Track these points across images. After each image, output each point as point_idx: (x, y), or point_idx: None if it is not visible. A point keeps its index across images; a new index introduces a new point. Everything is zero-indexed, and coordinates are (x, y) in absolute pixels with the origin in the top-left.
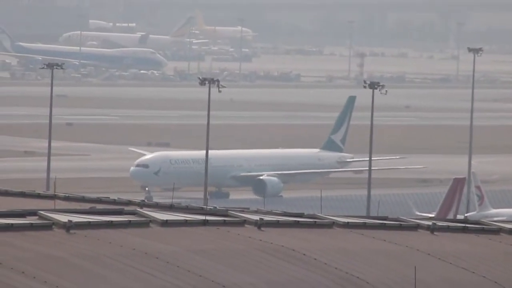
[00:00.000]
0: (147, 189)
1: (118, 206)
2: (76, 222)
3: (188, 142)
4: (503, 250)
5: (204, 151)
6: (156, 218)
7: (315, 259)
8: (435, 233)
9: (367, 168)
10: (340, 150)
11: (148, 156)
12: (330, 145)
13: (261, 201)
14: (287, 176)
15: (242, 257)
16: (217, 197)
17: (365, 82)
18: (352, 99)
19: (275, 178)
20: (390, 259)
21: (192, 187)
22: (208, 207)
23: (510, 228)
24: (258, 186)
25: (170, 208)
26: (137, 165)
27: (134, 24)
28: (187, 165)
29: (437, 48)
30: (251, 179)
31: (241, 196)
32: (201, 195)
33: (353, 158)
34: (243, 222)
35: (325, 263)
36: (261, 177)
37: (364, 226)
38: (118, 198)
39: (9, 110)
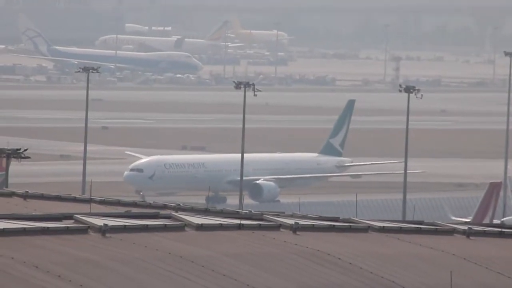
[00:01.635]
0: (141, 193)
1: (154, 210)
2: (111, 225)
3: (223, 146)
4: None
5: (200, 155)
6: (191, 222)
7: (350, 263)
8: (471, 237)
9: (365, 173)
10: (339, 154)
11: (143, 160)
12: (329, 149)
13: (257, 205)
14: (284, 181)
15: (277, 261)
16: (214, 201)
17: (400, 86)
18: (351, 103)
19: (271, 183)
20: (425, 263)
21: (188, 192)
22: (243, 211)
23: None
24: (254, 190)
25: (205, 212)
26: (131, 169)
27: (170, 28)
28: (182, 169)
29: (473, 52)
30: (248, 184)
31: (237, 201)
32: (197, 199)
33: (352, 162)
34: (278, 226)
35: (361, 268)
36: (257, 182)
37: (399, 230)
38: (153, 201)
39: (45, 113)
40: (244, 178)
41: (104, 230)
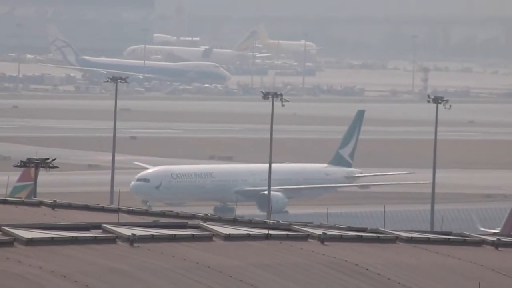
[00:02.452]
0: (148, 204)
1: (182, 220)
2: (139, 235)
3: (251, 156)
4: None
5: (208, 165)
6: (219, 232)
7: (378, 274)
8: (499, 249)
9: (374, 183)
10: (349, 165)
11: (150, 170)
12: (338, 160)
13: (265, 216)
14: (292, 191)
15: (305, 272)
16: (222, 212)
17: (429, 96)
18: (361, 113)
19: (279, 193)
20: (454, 274)
21: (195, 202)
22: (271, 221)
23: None
24: (262, 201)
25: (233, 222)
26: (138, 179)
27: (198, 38)
28: (189, 179)
29: (501, 63)
30: (256, 194)
31: (245, 211)
32: (204, 210)
33: (361, 173)
34: (306, 237)
35: (389, 278)
36: (265, 192)
37: (427, 241)
38: (181, 211)
39: (74, 123)
40: (251, 188)
41: (132, 240)
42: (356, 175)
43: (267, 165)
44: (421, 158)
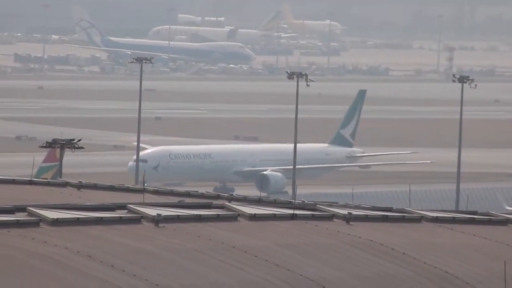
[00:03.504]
0: (145, 184)
1: (207, 200)
2: (165, 215)
3: (276, 136)
4: None
5: (206, 146)
6: (245, 212)
7: (403, 253)
8: None
9: (375, 163)
10: (350, 145)
11: (147, 150)
12: (339, 140)
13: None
14: (292, 171)
15: (330, 251)
16: (222, 192)
17: (454, 76)
18: (362, 93)
19: (279, 174)
20: (479, 253)
21: (194, 182)
22: (296, 201)
23: None
24: (261, 181)
25: (259, 202)
26: (135, 160)
27: (222, 18)
28: (188, 160)
29: None
30: (254, 174)
31: (244, 191)
32: (203, 190)
33: (363, 153)
34: (331, 217)
35: (414, 258)
36: (264, 172)
37: (453, 220)
38: (206, 191)
39: (99, 104)
40: (250, 168)
41: (157, 220)
42: (357, 155)
43: (266, 145)
44: (446, 137)
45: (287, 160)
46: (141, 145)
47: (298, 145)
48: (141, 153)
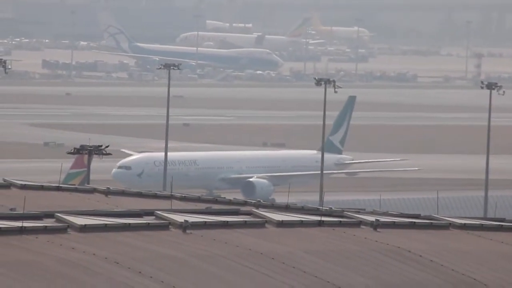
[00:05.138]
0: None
1: (234, 206)
2: (192, 222)
3: (303, 142)
4: None
5: (192, 152)
6: (272, 218)
7: (431, 260)
8: None
9: (361, 170)
10: (339, 152)
11: (132, 157)
12: (328, 147)
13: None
14: (279, 178)
15: (357, 258)
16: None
17: (482, 82)
18: (352, 99)
19: (265, 181)
20: (507, 261)
21: (179, 190)
22: (324, 207)
23: None
24: (247, 188)
25: (286, 208)
26: (119, 167)
27: (250, 25)
28: (173, 166)
29: None
30: (241, 181)
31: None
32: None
33: (352, 160)
34: (359, 223)
35: (442, 265)
36: (250, 179)
37: (481, 227)
38: (234, 198)
39: (126, 110)
40: (237, 175)
41: (184, 227)
42: (347, 162)
43: (253, 152)
44: (474, 144)
45: (274, 167)
46: (130, 152)
47: (287, 152)
48: (125, 160)
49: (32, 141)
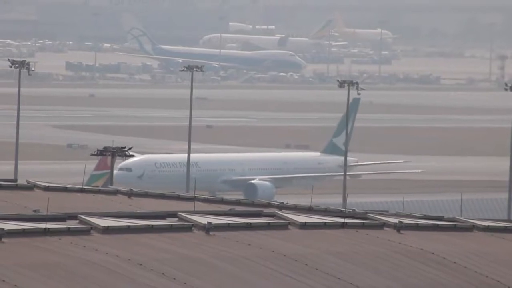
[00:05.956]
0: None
1: (257, 208)
2: (215, 223)
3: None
4: None
5: (194, 154)
6: (295, 220)
7: (454, 262)
8: None
9: (365, 172)
10: (343, 154)
11: (133, 159)
12: (331, 149)
13: None
14: (281, 180)
15: (380, 260)
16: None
17: (506, 84)
18: (356, 101)
19: (267, 182)
20: None
21: (181, 192)
22: (347, 209)
23: None
24: (249, 190)
25: (309, 210)
26: (120, 169)
27: (273, 27)
28: (173, 168)
29: None
30: (243, 183)
31: None
32: None
33: (357, 162)
34: (382, 225)
35: (465, 267)
36: (252, 181)
37: (504, 230)
38: (257, 200)
39: (150, 112)
40: (239, 177)
41: (208, 228)
42: (351, 164)
43: (255, 154)
44: (497, 146)
45: (276, 169)
46: (135, 155)
47: (289, 154)
48: (126, 161)
49: (55, 143)
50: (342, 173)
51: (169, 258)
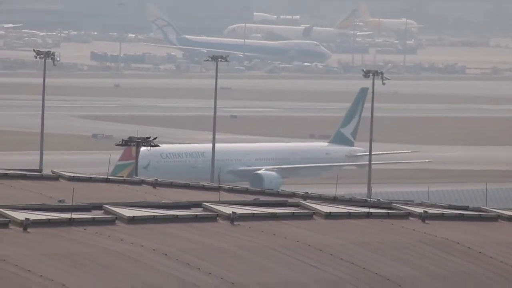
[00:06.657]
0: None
1: (282, 198)
2: (240, 213)
3: None
4: None
5: (199, 144)
6: (320, 210)
7: (480, 252)
8: None
9: (374, 162)
10: (351, 144)
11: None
12: (339, 139)
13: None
14: (287, 171)
15: (405, 250)
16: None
17: None
18: (364, 91)
19: (273, 173)
20: None
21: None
22: (372, 199)
23: None
24: (255, 180)
25: (334, 200)
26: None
27: (298, 17)
28: (179, 158)
29: None
30: (249, 174)
31: None
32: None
33: (365, 152)
34: (407, 215)
35: (491, 257)
36: (258, 172)
37: None
38: (282, 190)
39: (174, 102)
40: (245, 168)
41: (232, 218)
42: (359, 154)
43: (262, 144)
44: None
45: (283, 159)
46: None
47: (297, 144)
48: None
49: (80, 133)
50: (349, 163)
51: (194, 248)
